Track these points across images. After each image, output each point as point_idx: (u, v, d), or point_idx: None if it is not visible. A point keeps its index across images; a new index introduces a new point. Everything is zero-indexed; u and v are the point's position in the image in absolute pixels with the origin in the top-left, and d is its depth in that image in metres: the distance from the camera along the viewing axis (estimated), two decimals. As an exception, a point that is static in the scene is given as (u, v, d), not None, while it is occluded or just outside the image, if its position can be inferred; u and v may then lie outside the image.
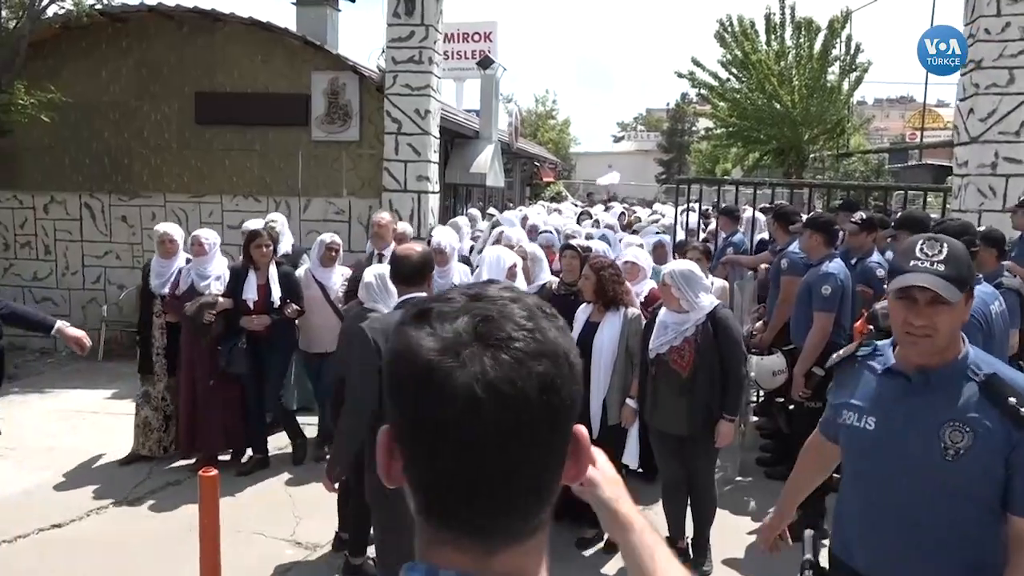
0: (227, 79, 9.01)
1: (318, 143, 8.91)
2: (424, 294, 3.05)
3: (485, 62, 14.82)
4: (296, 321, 5.80)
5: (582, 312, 4.45)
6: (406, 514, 0.81)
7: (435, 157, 8.93)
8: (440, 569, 0.77)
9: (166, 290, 5.69)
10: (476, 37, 21.27)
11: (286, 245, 6.84)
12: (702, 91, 20.86)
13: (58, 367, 8.65)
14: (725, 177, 17.53)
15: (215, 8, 8.75)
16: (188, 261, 5.82)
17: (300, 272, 6.15)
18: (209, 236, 5.84)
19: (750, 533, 4.61)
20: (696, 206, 9.14)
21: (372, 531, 3.74)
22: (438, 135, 9.02)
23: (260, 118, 8.95)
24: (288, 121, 8.90)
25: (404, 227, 7.03)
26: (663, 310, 4.15)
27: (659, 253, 6.45)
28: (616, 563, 4.36)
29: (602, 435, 4.28)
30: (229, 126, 9.05)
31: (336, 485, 3.55)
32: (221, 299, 5.50)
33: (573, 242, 5.09)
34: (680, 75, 20.33)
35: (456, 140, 12.96)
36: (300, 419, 6.16)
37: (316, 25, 9.59)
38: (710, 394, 4.01)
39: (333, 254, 5.96)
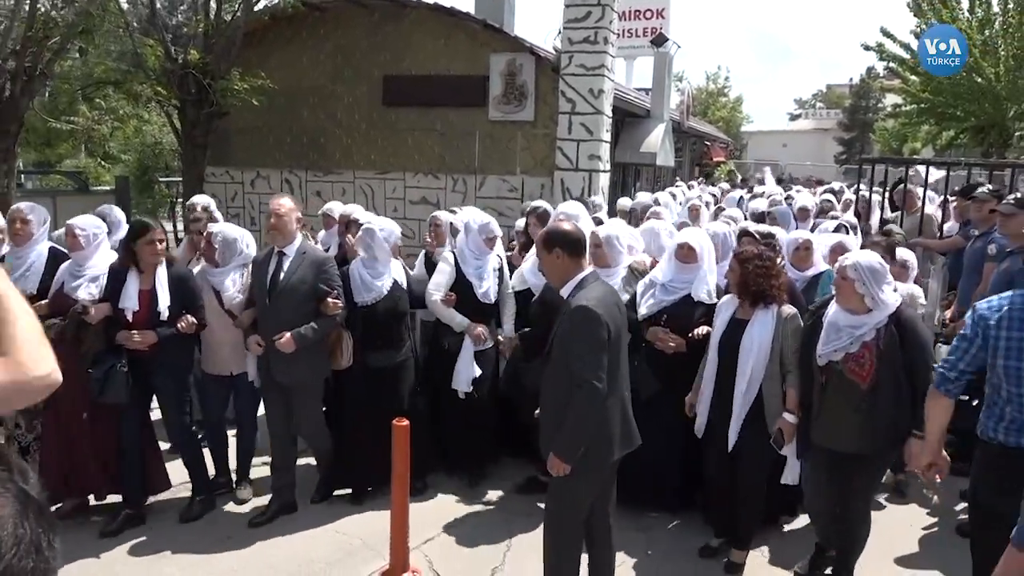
0: (412, 63, 9.56)
1: (494, 123, 9.27)
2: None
3: (659, 40, 14.70)
4: (200, 336, 4.52)
5: (725, 307, 3.95)
6: None
7: (607, 136, 9.04)
8: None
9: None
10: (648, 14, 21.09)
11: None
12: (891, 64, 19.54)
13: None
14: (914, 157, 16.34)
15: (404, -5, 9.30)
16: (51, 251, 4.55)
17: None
18: (88, 225, 4.42)
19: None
20: (880, 189, 8.64)
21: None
22: (610, 114, 9.12)
23: (441, 99, 9.45)
24: (467, 102, 9.33)
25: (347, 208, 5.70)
26: (832, 309, 3.54)
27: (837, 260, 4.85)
28: None
29: (743, 447, 3.83)
30: (413, 107, 9.62)
31: None
32: (95, 305, 4.22)
33: (751, 227, 4.85)
34: (867, 47, 19.13)
35: (627, 119, 12.98)
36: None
37: (494, 8, 9.93)
38: (895, 409, 3.43)
39: (211, 253, 4.56)
